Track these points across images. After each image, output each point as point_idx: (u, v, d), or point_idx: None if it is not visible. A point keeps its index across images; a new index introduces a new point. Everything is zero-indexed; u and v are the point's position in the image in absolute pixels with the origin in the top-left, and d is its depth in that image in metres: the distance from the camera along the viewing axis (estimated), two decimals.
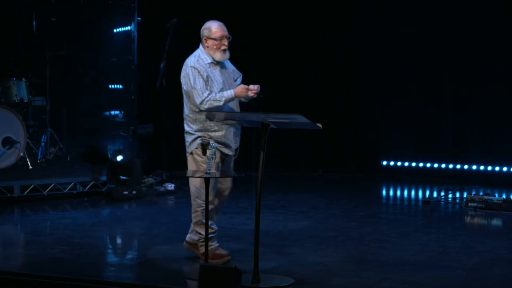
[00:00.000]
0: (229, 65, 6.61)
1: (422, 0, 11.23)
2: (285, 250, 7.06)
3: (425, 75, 11.38)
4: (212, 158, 6.04)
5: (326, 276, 6.18)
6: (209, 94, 6.25)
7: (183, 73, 6.44)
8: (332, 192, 10.46)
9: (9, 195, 9.36)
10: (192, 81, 6.30)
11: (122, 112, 11.56)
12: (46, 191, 9.63)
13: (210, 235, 6.35)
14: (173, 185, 10.08)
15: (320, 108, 11.71)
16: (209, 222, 6.36)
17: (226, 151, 6.42)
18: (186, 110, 6.50)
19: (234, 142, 6.46)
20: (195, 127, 6.43)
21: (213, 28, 6.43)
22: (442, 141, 11.46)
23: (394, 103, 11.59)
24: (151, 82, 10.40)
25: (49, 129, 10.95)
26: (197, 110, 6.32)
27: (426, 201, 9.69)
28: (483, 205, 9.03)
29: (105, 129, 11.80)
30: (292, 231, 7.94)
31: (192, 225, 6.58)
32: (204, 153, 6.33)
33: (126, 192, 9.61)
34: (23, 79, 10.49)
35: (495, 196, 9.38)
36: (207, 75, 6.32)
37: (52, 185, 9.72)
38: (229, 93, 6.30)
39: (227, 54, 6.48)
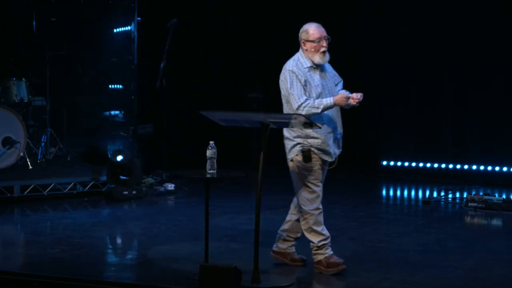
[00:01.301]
0: (329, 69, 6.37)
1: (422, 0, 11.23)
2: None
3: (425, 75, 11.38)
4: (212, 158, 6.02)
5: (326, 276, 6.18)
6: (306, 100, 6.03)
7: (281, 77, 6.21)
8: (332, 192, 10.44)
9: (9, 195, 9.36)
10: (289, 85, 6.09)
11: (122, 112, 11.56)
12: (46, 191, 9.63)
13: (323, 242, 6.21)
14: (173, 185, 10.07)
15: None
16: (320, 227, 6.23)
17: (326, 157, 6.22)
18: None
19: (334, 148, 6.26)
20: (294, 133, 6.19)
21: (311, 30, 6.22)
22: (442, 141, 11.46)
23: (394, 103, 11.59)
24: (151, 82, 10.41)
25: (49, 129, 10.95)
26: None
27: (426, 201, 9.69)
28: (483, 205, 9.03)
29: (105, 129, 11.79)
30: None
31: (278, 234, 6.46)
32: (305, 160, 6.16)
33: (126, 192, 9.60)
34: (23, 79, 10.49)
35: (495, 196, 9.39)
36: (305, 80, 6.11)
37: (52, 185, 9.72)
38: (328, 101, 6.07)
39: (327, 57, 6.22)
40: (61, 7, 11.43)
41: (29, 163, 10.16)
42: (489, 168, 11.09)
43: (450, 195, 10.07)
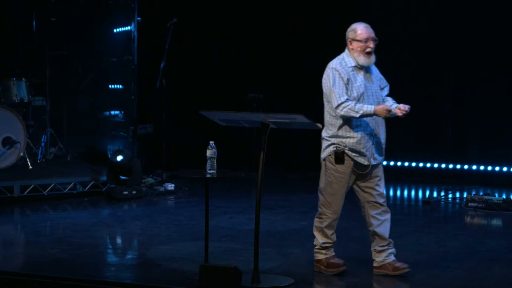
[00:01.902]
0: (376, 72, 6.26)
1: (422, 0, 11.22)
2: (285, 250, 7.06)
3: (425, 75, 11.37)
4: (212, 158, 6.02)
5: (326, 276, 6.18)
6: (348, 100, 5.92)
7: (324, 75, 6.12)
8: None
9: (9, 195, 9.36)
10: (331, 83, 6.00)
11: (122, 112, 11.57)
12: (46, 191, 9.63)
13: (327, 245, 6.18)
14: (173, 185, 10.07)
15: (320, 108, 11.68)
16: (330, 232, 6.17)
17: (360, 160, 6.06)
18: (324, 114, 6.18)
19: (372, 151, 6.09)
20: (330, 132, 6.10)
21: (359, 29, 6.09)
22: (442, 141, 11.45)
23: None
24: (151, 82, 10.41)
25: (49, 129, 10.96)
26: (333, 114, 6.05)
27: (426, 201, 9.69)
28: (483, 205, 9.03)
29: (105, 129, 11.80)
30: (292, 231, 7.94)
31: (372, 252, 6.26)
32: (336, 161, 6.05)
33: (126, 192, 9.60)
34: (23, 79, 10.49)
35: (495, 196, 9.38)
36: (348, 78, 6.00)
37: (52, 185, 9.72)
38: (369, 108, 5.92)
39: (372, 58, 6.12)
40: (61, 7, 11.43)
41: (29, 163, 10.16)
42: (489, 168, 11.09)
43: (450, 195, 10.06)
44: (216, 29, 12.31)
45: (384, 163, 11.59)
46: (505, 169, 10.99)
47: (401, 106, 6.07)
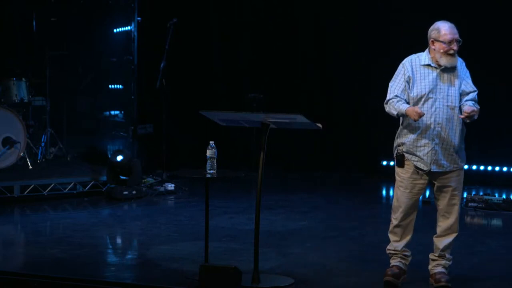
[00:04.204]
0: (463, 75, 5.96)
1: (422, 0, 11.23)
2: (285, 250, 7.07)
3: None
4: (212, 158, 6.02)
5: (326, 276, 6.19)
6: (395, 97, 5.73)
7: None
8: (332, 192, 10.46)
9: (9, 195, 9.35)
10: (394, 77, 5.87)
11: (122, 112, 11.57)
12: (46, 191, 9.62)
13: (389, 252, 6.06)
14: (173, 185, 10.07)
15: (320, 108, 11.71)
16: (393, 238, 6.02)
17: (419, 165, 5.78)
18: None
19: (433, 158, 5.75)
20: (397, 132, 5.91)
21: (443, 30, 5.79)
22: None
23: None
24: (151, 82, 10.41)
25: (49, 129, 10.96)
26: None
27: (426, 201, 9.67)
28: (483, 205, 9.03)
29: (105, 129, 11.80)
30: (292, 231, 7.94)
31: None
32: (397, 164, 5.87)
33: (126, 192, 9.60)
34: (23, 79, 10.49)
35: (495, 196, 9.38)
36: (410, 76, 5.78)
37: (52, 185, 9.71)
38: (403, 107, 5.67)
39: (455, 59, 5.79)
40: (61, 7, 11.43)
41: (29, 163, 10.15)
42: (489, 168, 11.08)
43: None
44: (216, 29, 12.31)
45: (384, 163, 11.80)
46: (505, 169, 10.99)
47: (465, 108, 5.74)
